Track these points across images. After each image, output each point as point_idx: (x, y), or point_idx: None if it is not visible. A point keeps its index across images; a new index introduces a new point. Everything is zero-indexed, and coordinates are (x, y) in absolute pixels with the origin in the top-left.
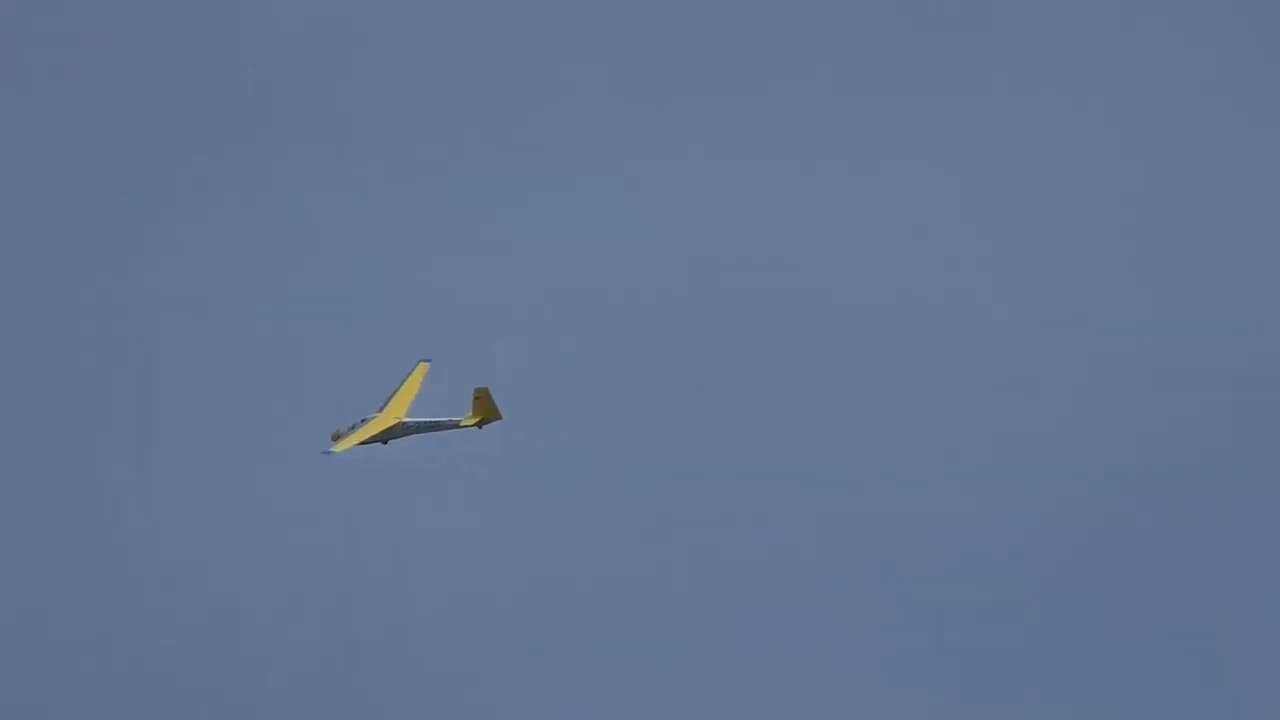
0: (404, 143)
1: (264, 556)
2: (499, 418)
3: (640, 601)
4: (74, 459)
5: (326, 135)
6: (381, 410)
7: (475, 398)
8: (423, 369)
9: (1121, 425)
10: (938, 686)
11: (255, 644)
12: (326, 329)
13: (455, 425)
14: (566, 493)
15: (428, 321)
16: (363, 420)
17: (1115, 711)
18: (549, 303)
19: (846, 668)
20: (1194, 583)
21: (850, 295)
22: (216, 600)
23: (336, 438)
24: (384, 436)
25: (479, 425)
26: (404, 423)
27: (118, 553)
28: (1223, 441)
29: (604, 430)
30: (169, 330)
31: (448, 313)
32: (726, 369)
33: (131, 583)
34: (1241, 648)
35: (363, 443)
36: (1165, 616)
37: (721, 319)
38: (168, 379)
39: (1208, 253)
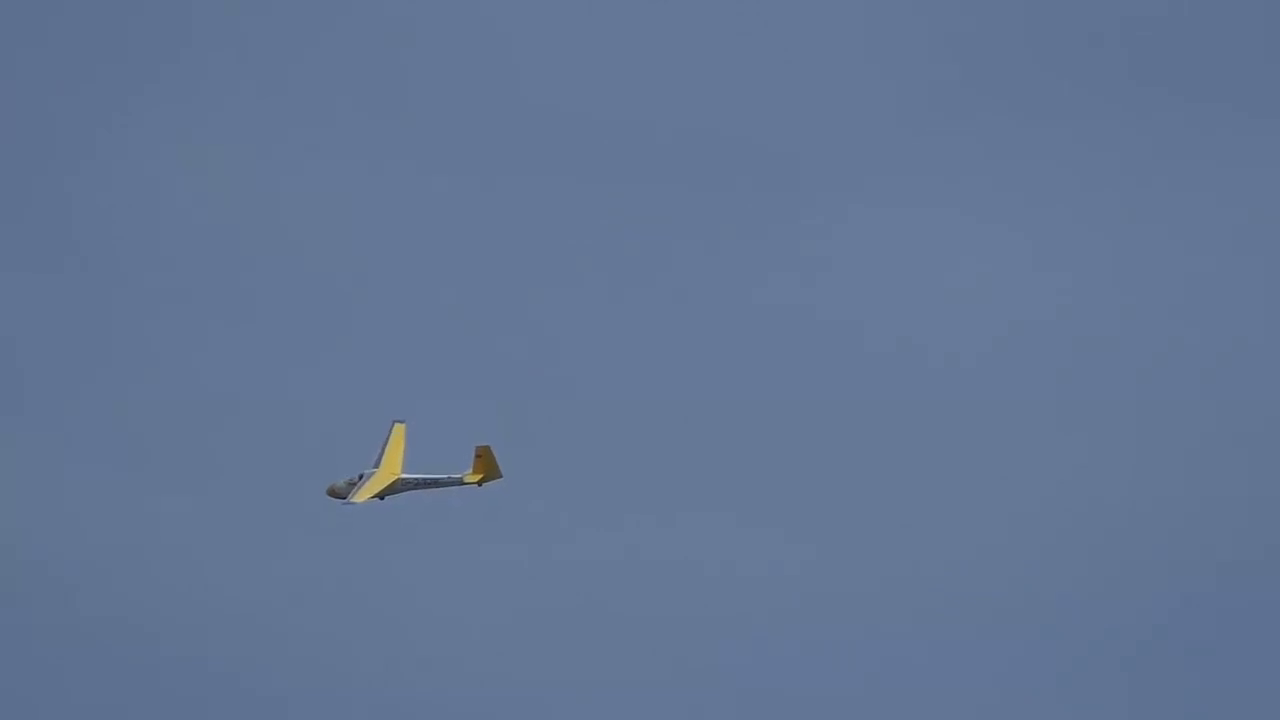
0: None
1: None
2: (499, 476)
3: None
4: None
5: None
6: (377, 466)
7: (477, 455)
8: (400, 429)
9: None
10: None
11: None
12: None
13: (456, 482)
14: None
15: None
16: (360, 476)
17: None
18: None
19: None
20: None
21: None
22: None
23: (334, 493)
24: (382, 493)
25: (479, 484)
26: (403, 478)
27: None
28: None
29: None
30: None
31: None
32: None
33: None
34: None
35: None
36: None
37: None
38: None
39: None
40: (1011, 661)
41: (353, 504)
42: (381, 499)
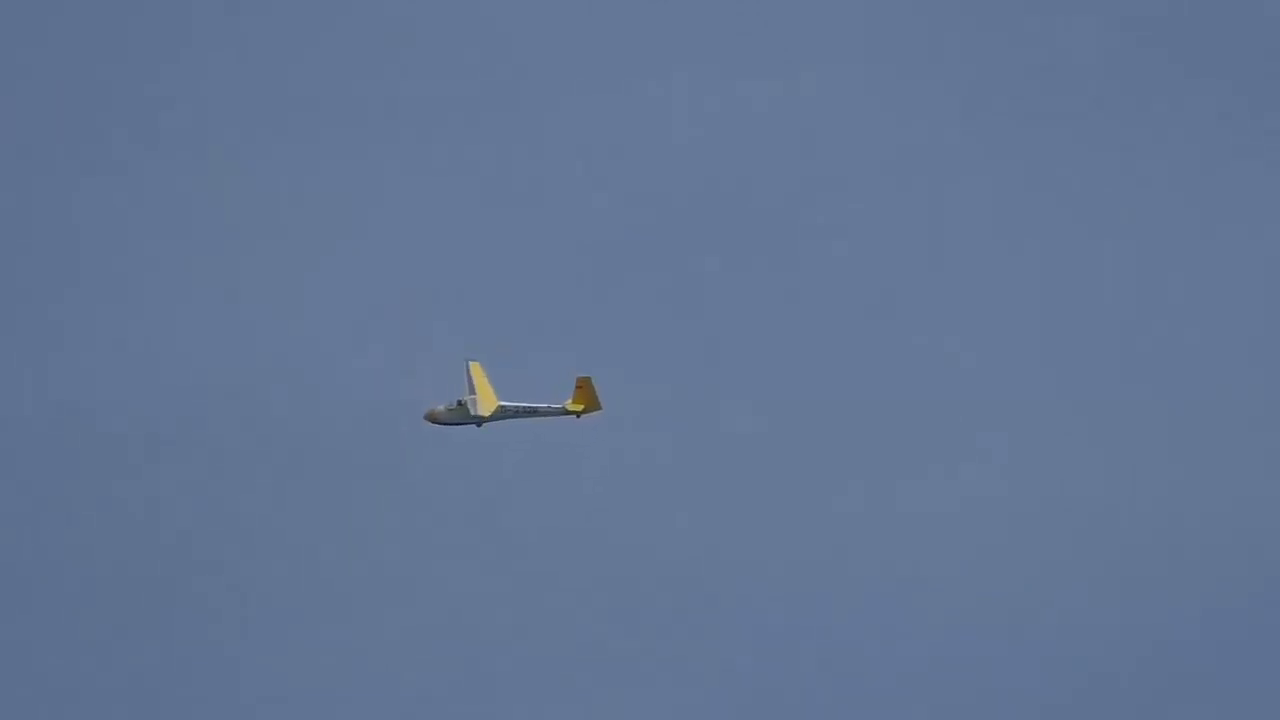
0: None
1: None
2: (599, 408)
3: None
4: None
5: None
6: (472, 394)
7: (578, 386)
8: (477, 366)
9: None
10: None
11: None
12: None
13: (558, 412)
14: None
15: None
16: (459, 402)
17: None
18: None
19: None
20: None
21: None
22: None
23: (434, 419)
24: (481, 420)
25: (579, 414)
26: (502, 406)
27: None
28: None
29: None
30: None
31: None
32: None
33: None
34: None
35: (456, 423)
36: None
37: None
38: None
39: None
40: (1015, 661)
41: (483, 417)
42: (479, 425)
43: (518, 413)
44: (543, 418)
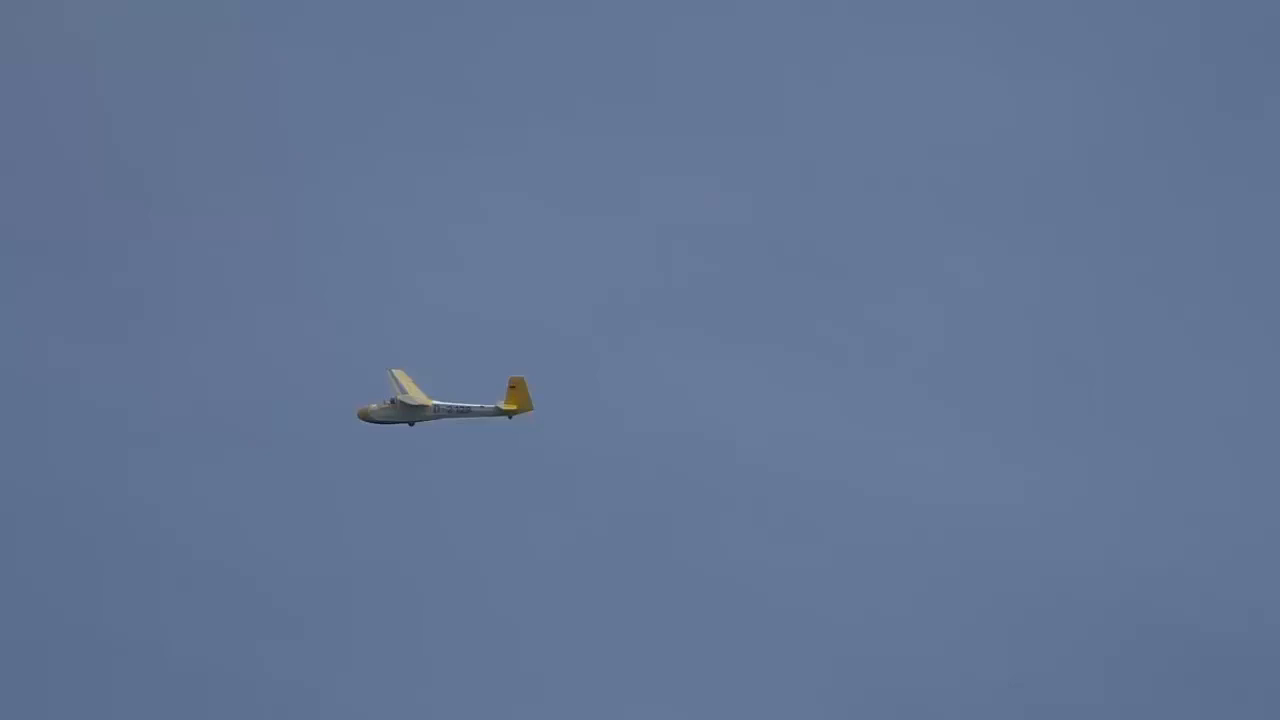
0: None
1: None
2: (531, 409)
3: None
4: None
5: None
6: (404, 394)
7: (510, 386)
8: (401, 372)
9: None
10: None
11: None
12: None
13: (491, 412)
14: None
15: None
16: (392, 400)
17: None
18: None
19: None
20: None
21: None
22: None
23: (366, 416)
24: (411, 418)
25: (510, 415)
26: (435, 405)
27: None
28: None
29: None
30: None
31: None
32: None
33: None
34: None
35: (388, 422)
36: None
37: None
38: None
39: None
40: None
41: (421, 410)
42: (411, 425)
43: (450, 412)
44: (475, 418)
